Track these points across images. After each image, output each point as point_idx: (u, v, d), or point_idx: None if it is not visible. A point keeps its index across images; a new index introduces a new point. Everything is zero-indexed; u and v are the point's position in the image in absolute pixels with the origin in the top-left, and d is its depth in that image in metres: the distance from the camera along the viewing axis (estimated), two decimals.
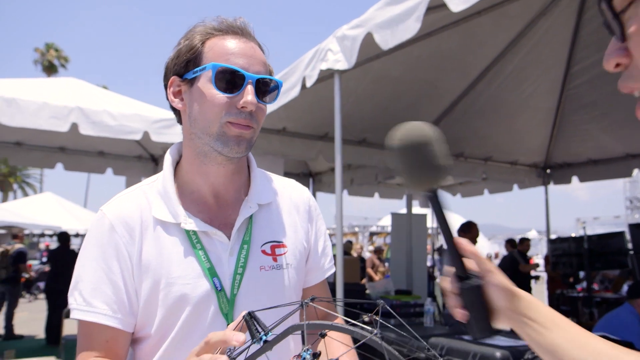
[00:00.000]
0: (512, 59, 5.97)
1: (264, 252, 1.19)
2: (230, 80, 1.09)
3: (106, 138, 5.60)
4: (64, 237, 9.23)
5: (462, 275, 0.84)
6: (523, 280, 8.23)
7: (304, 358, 0.72)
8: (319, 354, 0.73)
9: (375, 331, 0.71)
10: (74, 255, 7.59)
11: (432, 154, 0.81)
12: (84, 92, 6.66)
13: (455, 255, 0.84)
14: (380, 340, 0.73)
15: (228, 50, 1.11)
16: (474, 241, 6.25)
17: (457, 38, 5.20)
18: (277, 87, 1.17)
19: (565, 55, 6.15)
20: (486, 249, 18.03)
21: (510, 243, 9.01)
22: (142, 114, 5.79)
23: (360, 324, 0.74)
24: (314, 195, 9.34)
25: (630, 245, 6.57)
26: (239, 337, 0.76)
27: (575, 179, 8.31)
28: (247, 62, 1.11)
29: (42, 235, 24.36)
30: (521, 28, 5.54)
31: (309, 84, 3.91)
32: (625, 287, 7.77)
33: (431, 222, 8.25)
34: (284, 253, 1.21)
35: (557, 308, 8.11)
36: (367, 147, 6.81)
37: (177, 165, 1.24)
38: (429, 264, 9.18)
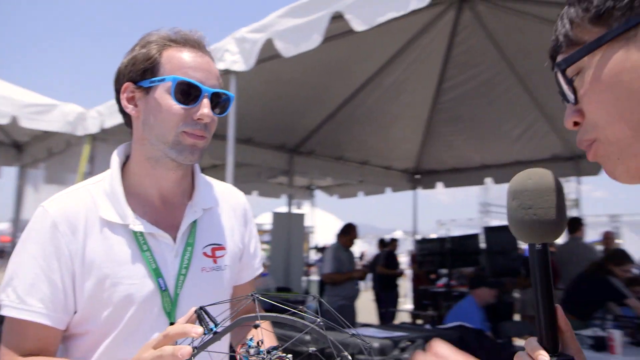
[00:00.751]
0: (392, 72, 6.43)
1: (205, 254, 1.24)
2: (188, 93, 1.14)
3: None
4: None
5: (554, 349, 0.73)
6: (382, 281, 8.84)
7: (249, 345, 0.83)
8: (262, 342, 0.83)
9: (318, 320, 0.84)
10: None
11: (559, 206, 0.74)
12: None
13: (552, 328, 0.73)
14: (321, 329, 0.85)
15: (186, 64, 1.16)
16: (352, 242, 6.65)
17: (345, 48, 5.48)
18: (228, 99, 1.24)
19: (437, 72, 6.75)
20: (358, 248, 18.94)
21: (381, 243, 9.66)
22: (12, 97, 5.33)
23: (307, 315, 0.87)
24: None
25: (483, 246, 7.44)
26: (197, 330, 0.83)
27: (440, 184, 9.12)
28: (204, 76, 1.17)
29: None
30: (402, 44, 5.99)
31: None
32: None
33: (310, 221, 8.51)
34: (223, 255, 1.28)
35: (420, 302, 8.84)
36: (253, 147, 6.90)
37: (123, 166, 1.25)
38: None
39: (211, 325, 0.82)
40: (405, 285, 11.99)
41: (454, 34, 6.06)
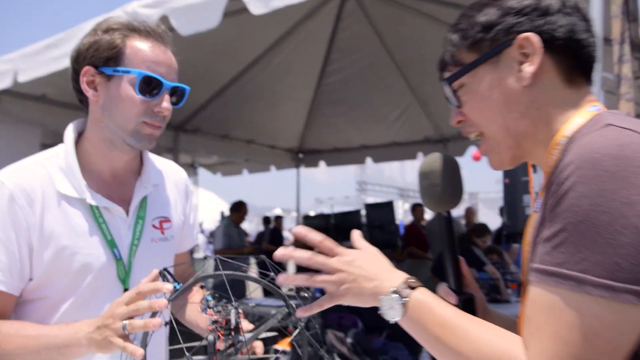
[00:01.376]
0: (279, 53, 6.56)
1: (154, 226, 1.34)
2: (150, 87, 1.21)
3: None
4: None
5: (459, 290, 0.99)
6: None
7: (207, 300, 0.96)
8: (217, 296, 0.97)
9: (270, 275, 0.99)
10: None
11: (460, 182, 0.97)
12: None
13: (457, 275, 0.99)
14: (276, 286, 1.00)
15: (150, 58, 1.22)
16: (242, 219, 6.77)
17: (234, 26, 5.50)
18: (184, 91, 1.31)
19: (322, 55, 7.02)
20: None
21: (265, 220, 9.87)
22: None
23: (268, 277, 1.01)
24: None
25: (364, 220, 7.99)
26: (168, 286, 0.94)
27: (322, 163, 9.51)
28: (166, 71, 1.24)
29: None
30: (289, 27, 6.14)
31: None
32: None
33: (194, 199, 8.44)
34: (170, 227, 1.38)
35: None
36: None
37: (76, 143, 1.29)
38: None
39: (174, 283, 0.94)
40: (290, 261, 12.33)
41: (339, 20, 6.34)
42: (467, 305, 0.98)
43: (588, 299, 0.67)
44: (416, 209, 7.51)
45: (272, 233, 8.99)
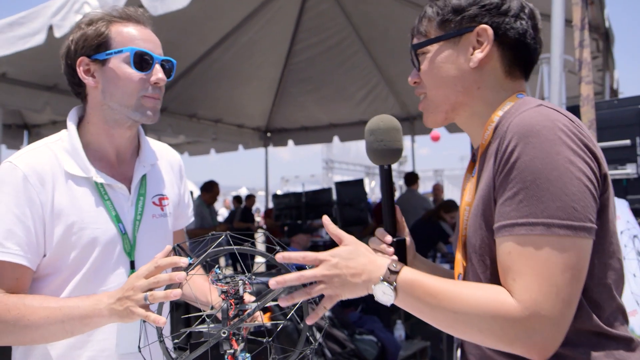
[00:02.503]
0: (247, 31, 6.53)
1: (154, 203, 1.42)
2: (143, 61, 1.28)
3: None
4: None
5: (393, 234, 1.14)
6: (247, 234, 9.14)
7: (217, 272, 1.04)
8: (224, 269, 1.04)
9: (277, 248, 1.06)
10: None
11: (399, 138, 1.13)
12: None
13: (392, 220, 1.14)
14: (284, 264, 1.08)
15: (136, 37, 1.29)
16: (214, 199, 6.78)
17: (200, 5, 5.43)
18: (172, 64, 1.38)
19: (290, 34, 7.02)
20: None
21: (236, 199, 9.89)
22: None
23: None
24: None
25: (335, 198, 8.11)
26: (185, 260, 1.01)
27: (290, 142, 9.55)
28: (153, 46, 1.31)
29: None
30: (256, 5, 6.11)
31: (58, 34, 3.69)
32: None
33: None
34: (167, 204, 1.46)
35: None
36: None
37: (78, 127, 1.35)
38: None
39: (188, 258, 1.01)
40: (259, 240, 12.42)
41: None
42: (399, 245, 1.13)
43: (556, 239, 0.83)
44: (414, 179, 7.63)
45: (243, 212, 9.03)
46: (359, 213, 7.35)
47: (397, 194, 7.70)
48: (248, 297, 1.10)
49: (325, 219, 1.05)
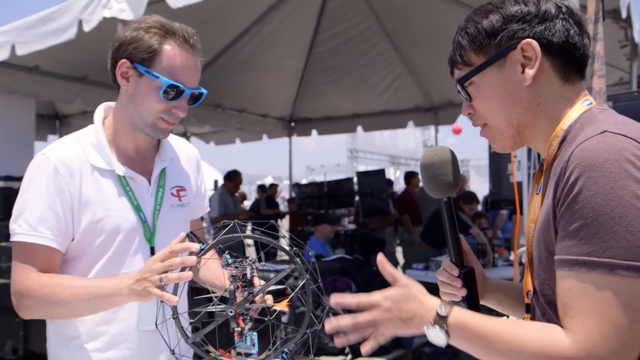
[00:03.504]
0: (270, 22, 6.60)
1: (172, 194, 1.52)
2: (173, 93, 1.36)
3: None
4: None
5: (461, 264, 1.13)
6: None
7: (227, 258, 1.12)
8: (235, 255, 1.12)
9: (281, 237, 1.14)
10: None
11: (455, 170, 1.09)
12: None
13: (459, 251, 1.13)
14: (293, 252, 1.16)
15: (178, 65, 1.35)
16: (237, 188, 6.93)
17: None
18: (201, 95, 1.44)
19: (313, 24, 7.06)
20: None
21: (261, 188, 10.04)
22: None
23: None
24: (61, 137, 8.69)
25: (356, 188, 8.17)
26: (196, 246, 1.11)
27: (314, 132, 9.62)
28: (190, 79, 1.37)
29: None
30: None
31: (87, 28, 3.84)
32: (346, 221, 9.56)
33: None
34: (185, 195, 1.56)
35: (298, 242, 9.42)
36: None
37: (104, 122, 1.47)
38: None
39: (200, 244, 1.10)
40: (284, 227, 12.58)
41: None
42: (468, 276, 1.12)
43: (620, 279, 0.80)
44: (410, 178, 7.67)
45: (267, 200, 9.18)
46: (380, 203, 7.37)
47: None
48: (257, 282, 1.18)
49: (381, 257, 1.04)
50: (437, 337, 0.94)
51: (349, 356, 3.40)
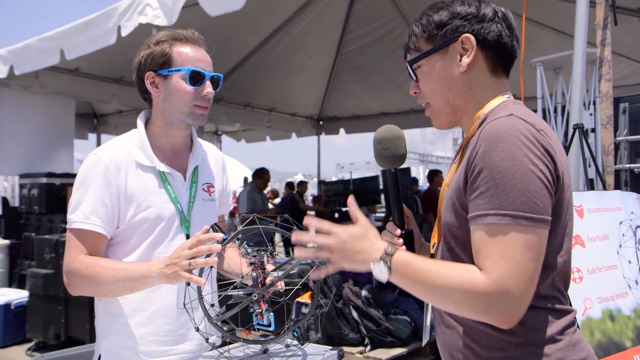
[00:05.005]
0: (299, 23, 6.76)
1: (203, 189, 1.72)
2: (197, 78, 1.58)
3: None
4: None
5: (402, 227, 1.31)
6: (302, 216, 9.45)
7: (245, 248, 1.28)
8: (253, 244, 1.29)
9: (294, 228, 1.29)
10: None
11: (402, 145, 1.27)
12: None
13: (401, 216, 1.31)
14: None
15: (192, 57, 1.58)
16: (265, 185, 7.15)
17: (253, 1, 5.71)
18: (219, 78, 1.66)
19: (340, 24, 7.19)
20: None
21: (289, 185, 10.23)
22: None
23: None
24: (99, 136, 9.04)
25: (381, 186, 8.29)
26: (220, 235, 1.29)
27: (342, 130, 9.75)
28: (205, 65, 1.61)
29: None
30: None
31: (124, 33, 4.07)
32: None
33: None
34: (214, 191, 1.76)
35: None
36: None
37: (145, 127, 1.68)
38: None
39: (223, 234, 1.28)
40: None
41: None
42: (408, 236, 1.30)
43: (520, 228, 1.00)
44: (433, 176, 7.73)
45: (297, 197, 9.36)
46: (404, 201, 7.45)
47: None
48: (270, 267, 1.35)
49: (351, 199, 1.22)
50: (380, 272, 1.10)
51: (368, 347, 3.54)
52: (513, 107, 1.13)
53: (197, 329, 1.30)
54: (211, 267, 1.36)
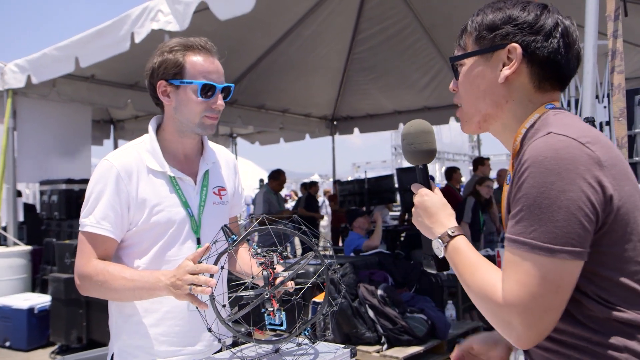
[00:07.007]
0: (310, 24, 6.78)
1: (214, 193, 1.75)
2: (208, 91, 1.60)
3: None
4: None
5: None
6: (310, 220, 9.55)
7: (255, 248, 1.30)
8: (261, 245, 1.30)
9: (303, 228, 1.31)
10: None
11: (429, 140, 1.24)
12: None
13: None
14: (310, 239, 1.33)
15: (206, 69, 1.60)
16: (281, 186, 7.19)
17: (264, 3, 5.74)
18: (230, 89, 1.68)
19: (352, 24, 7.19)
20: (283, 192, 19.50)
21: (304, 186, 10.28)
22: None
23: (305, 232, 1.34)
24: (116, 141, 9.16)
25: (397, 185, 8.26)
26: (215, 268, 1.33)
27: (356, 130, 9.75)
28: (217, 77, 1.63)
29: None
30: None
31: (137, 39, 4.13)
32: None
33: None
34: (225, 194, 1.79)
35: (340, 239, 9.61)
36: None
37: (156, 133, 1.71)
38: None
39: (233, 236, 1.29)
40: (322, 223, 12.77)
41: None
42: None
43: (537, 257, 0.98)
44: (452, 172, 7.69)
45: (307, 199, 9.36)
46: None
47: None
48: (279, 267, 1.37)
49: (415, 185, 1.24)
50: (437, 248, 1.16)
51: (385, 345, 3.54)
52: (554, 119, 1.07)
53: (210, 330, 1.32)
54: (222, 268, 1.37)
